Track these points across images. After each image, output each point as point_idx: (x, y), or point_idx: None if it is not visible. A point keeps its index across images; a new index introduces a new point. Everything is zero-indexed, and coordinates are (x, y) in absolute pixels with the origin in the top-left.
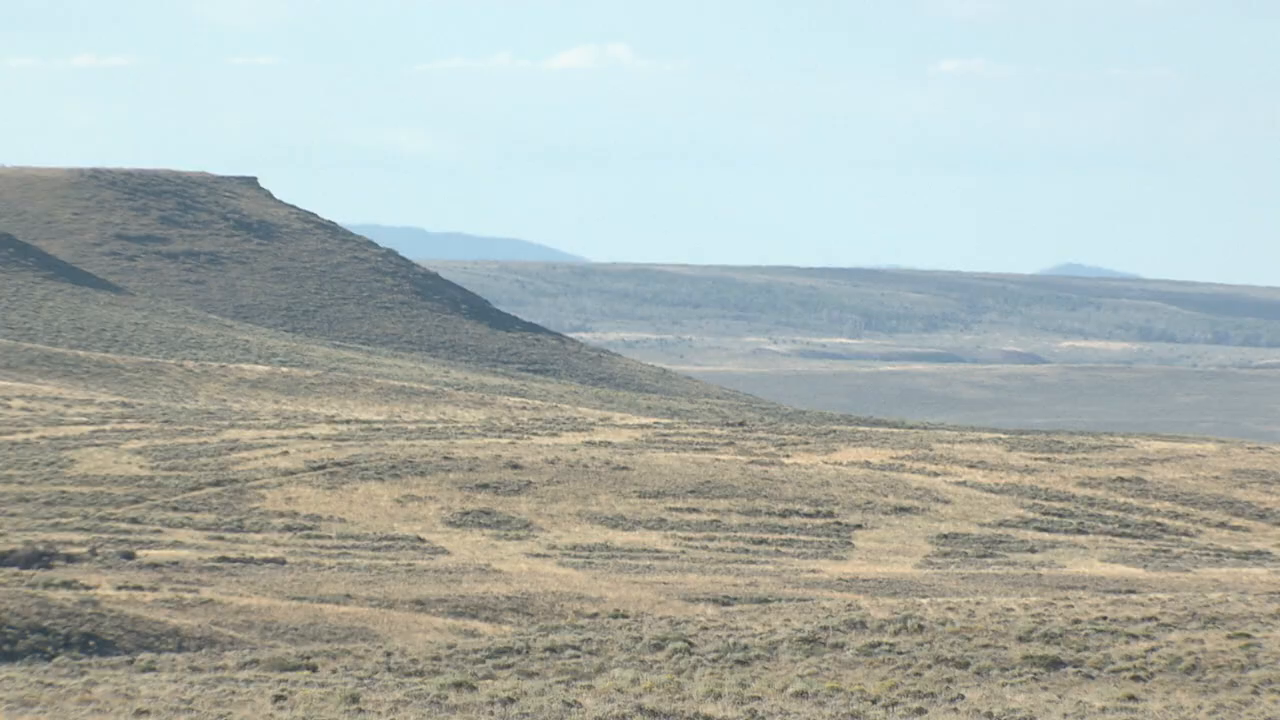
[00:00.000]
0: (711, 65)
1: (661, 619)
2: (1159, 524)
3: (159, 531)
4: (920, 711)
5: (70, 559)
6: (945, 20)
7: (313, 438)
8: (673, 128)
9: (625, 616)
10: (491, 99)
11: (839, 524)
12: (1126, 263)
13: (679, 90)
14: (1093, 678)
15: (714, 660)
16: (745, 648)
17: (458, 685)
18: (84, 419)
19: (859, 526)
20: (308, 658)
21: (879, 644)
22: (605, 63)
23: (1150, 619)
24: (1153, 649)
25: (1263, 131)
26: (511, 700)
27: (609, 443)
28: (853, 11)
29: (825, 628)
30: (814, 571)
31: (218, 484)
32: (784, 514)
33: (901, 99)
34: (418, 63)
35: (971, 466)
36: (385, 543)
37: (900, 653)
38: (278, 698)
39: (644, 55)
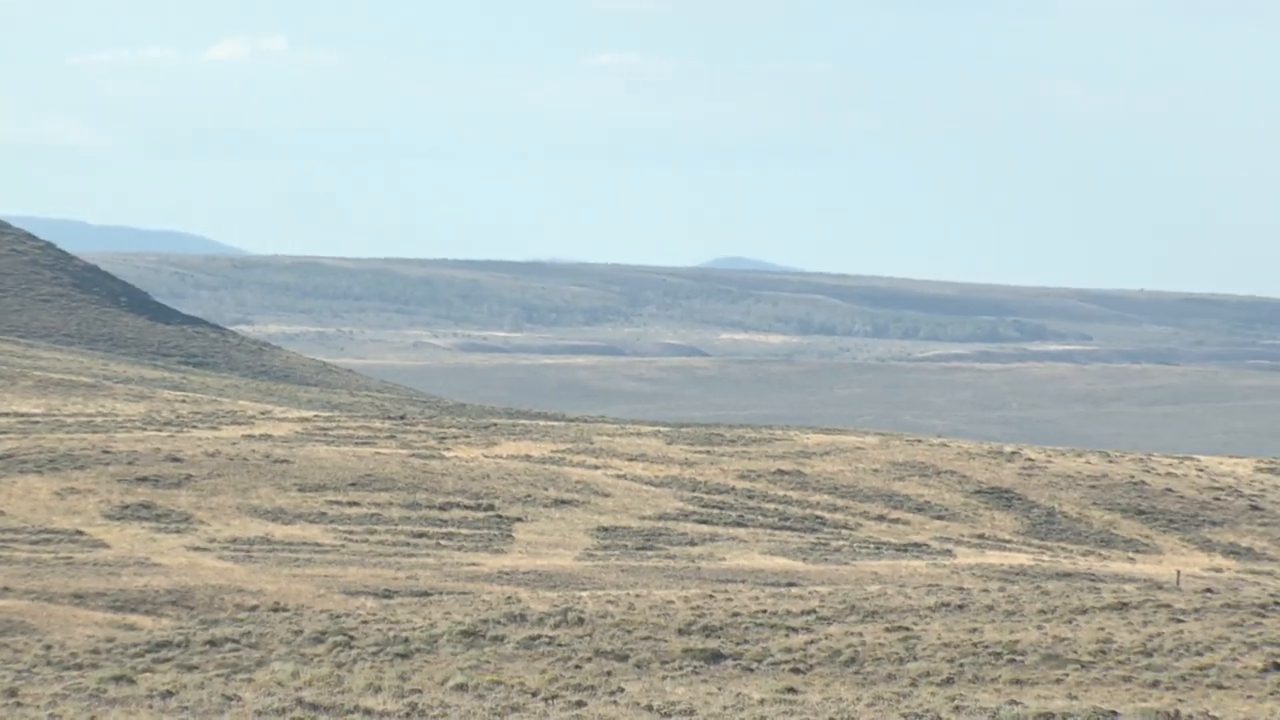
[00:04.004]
0: (369, 58)
1: (322, 612)
2: (818, 517)
3: None
4: (580, 704)
5: None
6: (602, 13)
7: None
8: (331, 120)
9: (285, 610)
10: (149, 91)
11: (499, 517)
12: (786, 256)
13: (336, 82)
14: (752, 670)
15: (374, 653)
16: (405, 641)
17: (117, 679)
18: None
19: (519, 520)
20: None
21: (539, 637)
22: (261, 54)
23: (809, 612)
24: (812, 641)
25: (919, 126)
26: (171, 694)
27: (269, 436)
28: (509, 4)
29: (485, 620)
30: (474, 565)
31: None
32: (444, 507)
33: (560, 92)
34: (73, 55)
35: (632, 460)
36: (44, 536)
37: (560, 645)
38: None
39: (300, 47)
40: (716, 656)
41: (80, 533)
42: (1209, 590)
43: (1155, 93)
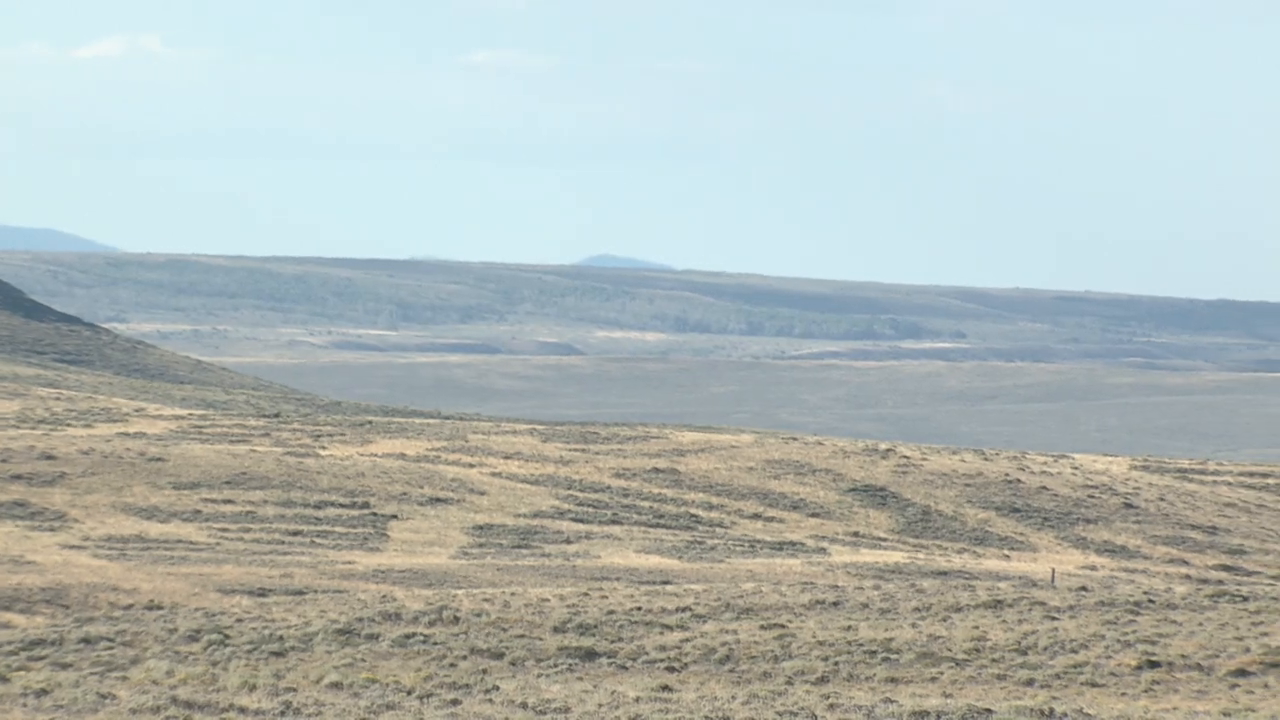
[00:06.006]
0: (244, 55)
1: (197, 610)
2: (693, 515)
3: None
4: (455, 702)
5: None
6: (476, 10)
7: None
8: (206, 118)
9: (160, 608)
10: (21, 88)
11: (375, 515)
12: (659, 254)
13: (211, 80)
14: (627, 668)
15: (249, 651)
16: (280, 639)
17: None
18: None
19: (394, 518)
20: None
21: (414, 635)
22: (136, 52)
23: (684, 610)
24: (687, 639)
25: (792, 124)
26: (45, 692)
27: (144, 434)
28: (385, 1)
29: (360, 619)
30: (349, 563)
31: None
32: (319, 505)
33: (434, 89)
34: None
35: (507, 458)
36: None
37: (436, 644)
38: None
39: (175, 45)
40: (591, 654)
41: None
42: (1083, 588)
43: (1027, 91)
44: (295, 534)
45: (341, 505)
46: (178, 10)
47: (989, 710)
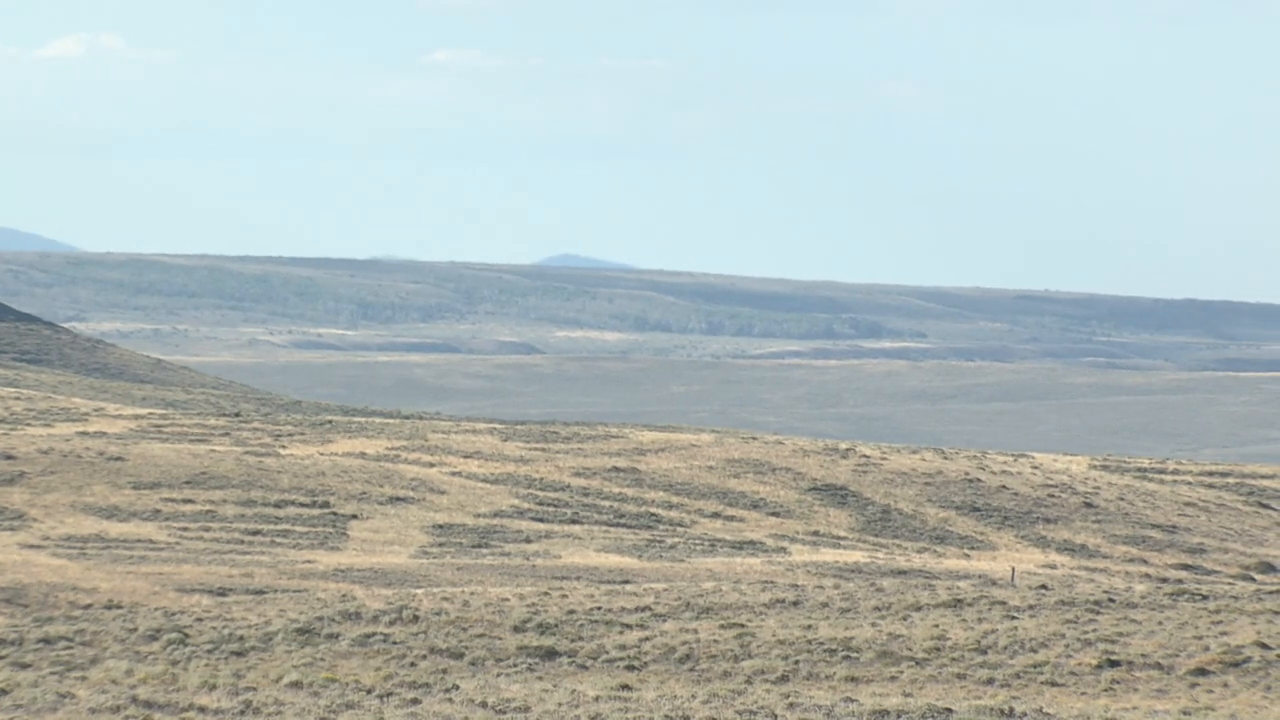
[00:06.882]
0: (206, 55)
1: (156, 610)
2: (653, 514)
3: None
4: (415, 702)
5: None
6: (437, 10)
7: None
8: (167, 118)
9: (120, 608)
10: None
11: (335, 514)
12: (619, 253)
13: (172, 80)
14: (587, 667)
15: (209, 651)
16: (240, 638)
17: None
18: None
19: (354, 517)
20: None
21: (374, 634)
22: (97, 51)
23: (644, 609)
24: (647, 639)
25: (753, 123)
26: (4, 692)
27: (103, 433)
28: (346, 1)
29: (320, 618)
30: (309, 562)
31: None
32: (279, 504)
33: (396, 89)
34: None
35: (467, 457)
36: None
37: (395, 643)
38: None
39: (136, 45)
40: (551, 654)
41: None
42: (1043, 587)
43: (988, 92)
44: (255, 533)
45: (302, 504)
46: (139, 10)
47: (949, 709)
